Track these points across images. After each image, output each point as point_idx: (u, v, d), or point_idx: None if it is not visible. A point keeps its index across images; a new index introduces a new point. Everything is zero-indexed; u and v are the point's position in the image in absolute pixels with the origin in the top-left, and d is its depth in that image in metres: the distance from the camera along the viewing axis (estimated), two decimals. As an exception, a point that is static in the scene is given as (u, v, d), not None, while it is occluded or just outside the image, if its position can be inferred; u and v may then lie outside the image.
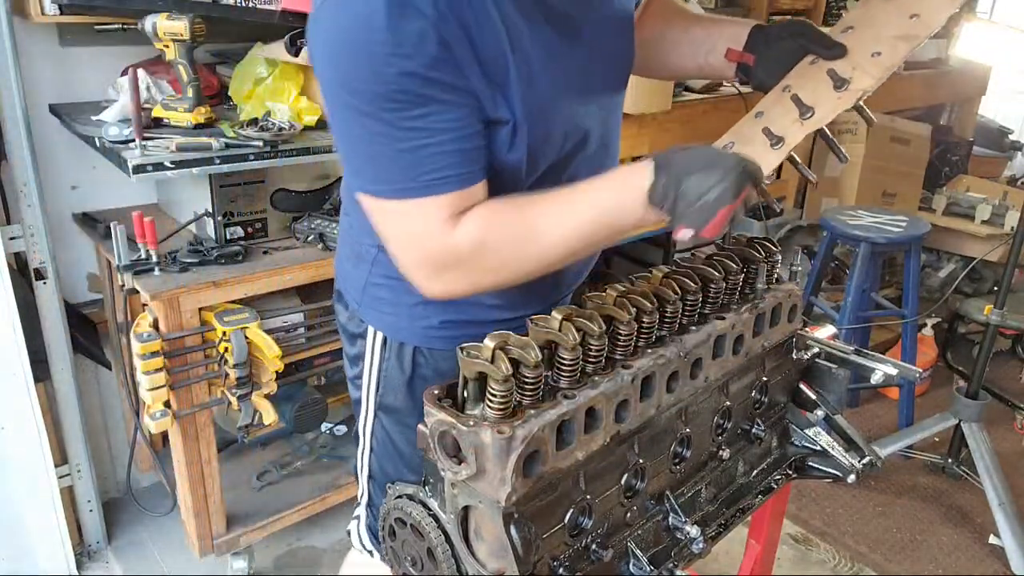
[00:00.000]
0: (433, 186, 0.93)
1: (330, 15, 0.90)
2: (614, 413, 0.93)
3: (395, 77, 0.87)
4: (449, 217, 0.95)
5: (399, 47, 0.86)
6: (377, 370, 1.22)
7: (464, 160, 0.95)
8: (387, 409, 1.23)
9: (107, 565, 2.30)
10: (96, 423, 2.39)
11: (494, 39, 0.93)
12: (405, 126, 0.90)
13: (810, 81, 1.06)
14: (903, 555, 2.43)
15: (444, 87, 0.90)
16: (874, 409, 3.18)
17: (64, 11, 1.85)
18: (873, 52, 1.02)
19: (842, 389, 1.27)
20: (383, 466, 1.28)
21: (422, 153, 0.92)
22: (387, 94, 0.88)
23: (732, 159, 0.91)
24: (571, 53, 1.05)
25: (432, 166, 0.92)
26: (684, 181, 0.90)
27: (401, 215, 0.96)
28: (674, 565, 1.06)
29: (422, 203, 0.94)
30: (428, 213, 0.95)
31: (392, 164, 0.93)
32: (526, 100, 0.98)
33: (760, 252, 1.13)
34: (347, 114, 0.92)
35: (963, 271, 3.44)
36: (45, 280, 2.00)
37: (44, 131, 2.05)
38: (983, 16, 5.20)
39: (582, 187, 0.98)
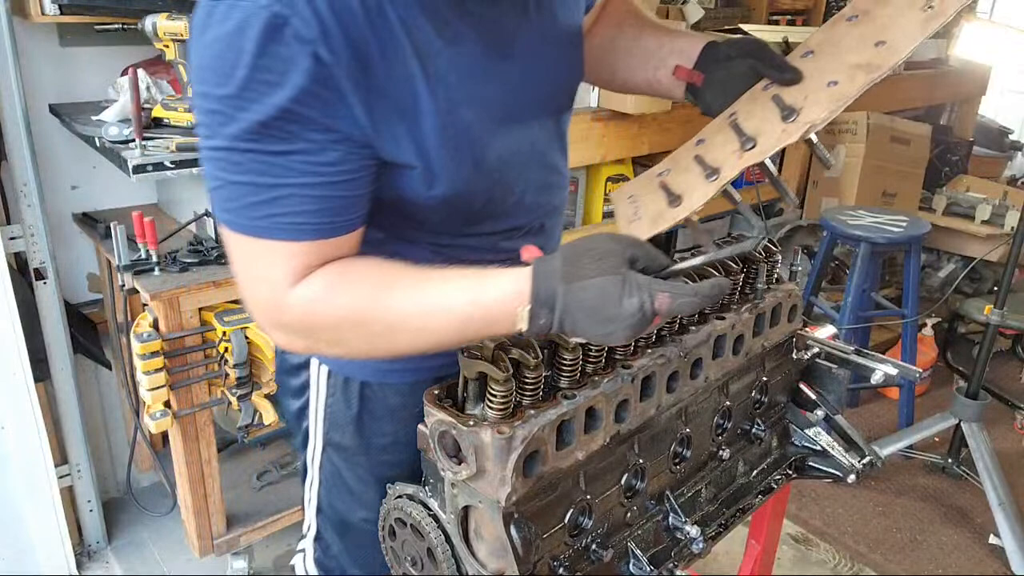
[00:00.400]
0: (284, 231, 0.82)
1: (202, 23, 0.78)
2: (614, 413, 0.93)
3: (257, 108, 0.76)
4: (295, 270, 0.84)
5: (265, 74, 0.76)
6: (323, 405, 1.13)
7: (328, 210, 0.83)
8: (335, 446, 1.14)
9: (107, 565, 2.30)
10: (96, 423, 2.39)
11: (400, 64, 0.82)
12: (264, 160, 0.79)
13: (758, 108, 0.95)
14: (903, 555, 2.43)
15: (314, 126, 0.79)
16: (874, 409, 3.18)
17: (64, 11, 1.85)
18: (830, 81, 0.90)
19: (842, 389, 1.27)
20: (332, 502, 1.19)
21: (278, 193, 0.80)
22: (248, 124, 0.77)
23: (633, 304, 0.76)
24: (501, 72, 0.93)
25: (288, 209, 0.81)
26: (567, 320, 0.78)
27: (243, 252, 0.85)
28: (674, 565, 1.06)
29: (270, 247, 0.83)
30: (273, 259, 0.83)
31: (244, 197, 0.81)
32: (446, 131, 0.87)
33: (760, 252, 1.13)
34: (205, 131, 0.81)
35: (963, 271, 3.44)
36: (45, 280, 2.00)
37: (44, 131, 2.06)
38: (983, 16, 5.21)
39: (456, 285, 0.83)
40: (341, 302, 0.84)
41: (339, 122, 0.80)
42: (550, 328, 0.80)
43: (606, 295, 0.77)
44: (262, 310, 0.88)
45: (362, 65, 0.80)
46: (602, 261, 0.78)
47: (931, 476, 2.79)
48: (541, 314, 0.79)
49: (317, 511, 1.21)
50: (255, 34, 0.74)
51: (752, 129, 0.92)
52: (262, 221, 0.82)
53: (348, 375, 1.09)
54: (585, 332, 0.79)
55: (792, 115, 0.89)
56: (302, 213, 0.82)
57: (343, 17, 0.77)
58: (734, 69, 1.01)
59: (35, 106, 1.99)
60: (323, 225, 0.84)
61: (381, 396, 1.10)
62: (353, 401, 1.10)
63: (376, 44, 0.80)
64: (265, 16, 0.74)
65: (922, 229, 2.85)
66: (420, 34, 0.84)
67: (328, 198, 0.83)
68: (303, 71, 0.76)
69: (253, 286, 0.87)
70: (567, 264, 0.79)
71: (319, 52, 0.76)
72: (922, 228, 2.86)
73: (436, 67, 0.85)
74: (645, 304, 0.76)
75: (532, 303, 0.79)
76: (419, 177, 0.89)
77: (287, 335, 0.89)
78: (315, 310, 0.84)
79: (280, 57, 0.75)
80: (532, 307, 0.79)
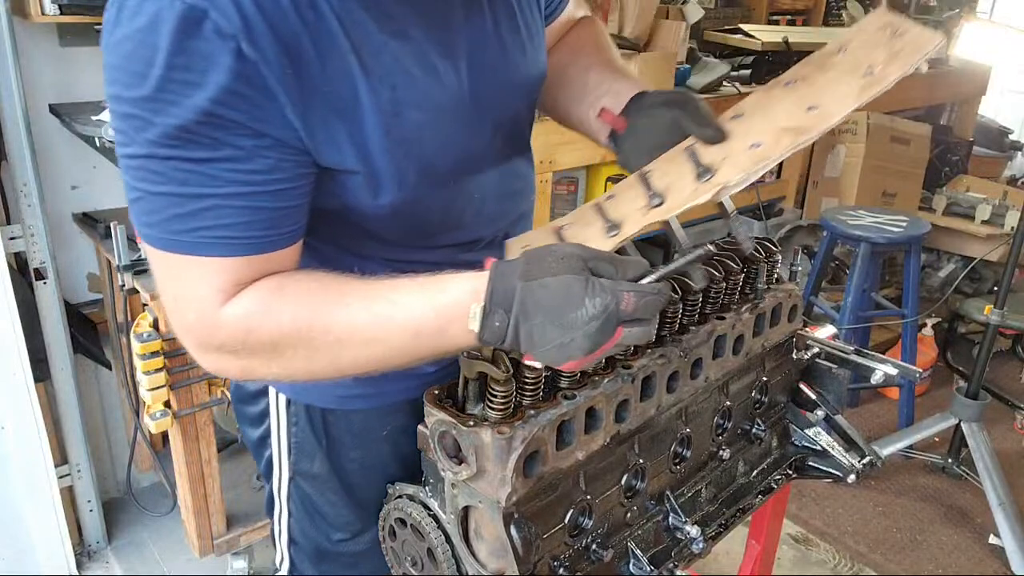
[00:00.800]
0: (212, 246, 0.75)
1: (112, 19, 0.71)
2: (614, 413, 0.93)
3: (175, 110, 0.69)
4: (226, 287, 0.77)
5: (183, 73, 0.68)
6: (287, 435, 1.07)
7: (260, 222, 0.76)
8: (304, 475, 1.08)
9: (107, 565, 2.30)
10: (96, 423, 2.39)
11: (337, 60, 0.76)
12: (186, 168, 0.72)
13: (674, 164, 0.90)
14: (903, 555, 2.43)
15: (241, 131, 0.72)
16: (874, 409, 3.18)
17: (64, 11, 1.85)
18: (753, 143, 0.85)
19: (842, 389, 1.27)
20: (305, 530, 1.13)
21: (204, 204, 0.73)
22: (165, 128, 0.70)
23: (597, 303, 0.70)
24: (452, 71, 0.87)
25: (214, 222, 0.74)
26: (524, 323, 0.72)
27: (167, 270, 0.77)
28: (674, 565, 1.06)
29: (196, 263, 0.75)
30: (201, 277, 0.76)
31: (166, 209, 0.73)
32: (390, 134, 0.80)
33: (760, 252, 1.13)
34: (121, 138, 0.73)
35: (963, 271, 3.44)
36: (45, 280, 2.00)
37: (44, 131, 2.06)
38: (983, 16, 5.20)
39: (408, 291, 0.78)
40: (280, 317, 0.77)
41: (268, 125, 0.73)
42: (505, 333, 0.73)
43: (569, 293, 0.70)
44: (191, 332, 0.80)
45: (293, 61, 0.73)
46: (564, 261, 0.73)
47: (931, 476, 2.79)
48: (496, 314, 0.72)
49: (290, 542, 1.16)
50: (169, 29, 0.67)
51: (663, 186, 0.87)
52: (187, 236, 0.74)
53: (308, 403, 1.04)
54: (543, 339, 0.71)
55: (707, 175, 0.84)
56: (231, 226, 0.74)
57: (269, 9, 0.71)
58: (657, 119, 0.95)
59: (35, 106, 1.99)
60: (255, 239, 0.76)
61: (345, 423, 1.05)
62: (318, 429, 1.05)
63: (309, 38, 0.73)
64: (180, 9, 0.67)
65: (922, 229, 2.85)
66: (359, 28, 0.77)
67: (260, 209, 0.75)
68: (225, 68, 0.69)
69: (180, 306, 0.79)
70: (527, 263, 0.74)
71: (242, 47, 0.69)
72: (922, 228, 2.86)
73: (378, 63, 0.78)
74: (610, 306, 0.70)
75: (486, 301, 0.73)
76: (363, 184, 0.83)
77: (219, 358, 0.81)
78: (250, 327, 0.77)
79: (199, 54, 0.68)
80: (486, 305, 0.73)
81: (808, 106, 0.84)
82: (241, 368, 0.82)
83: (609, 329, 0.71)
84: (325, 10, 0.75)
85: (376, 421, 1.06)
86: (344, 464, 1.08)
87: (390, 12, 0.80)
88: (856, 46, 0.89)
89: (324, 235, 0.92)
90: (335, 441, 1.06)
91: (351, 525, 1.11)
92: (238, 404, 1.16)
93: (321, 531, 1.12)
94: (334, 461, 1.07)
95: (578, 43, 1.13)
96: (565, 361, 0.73)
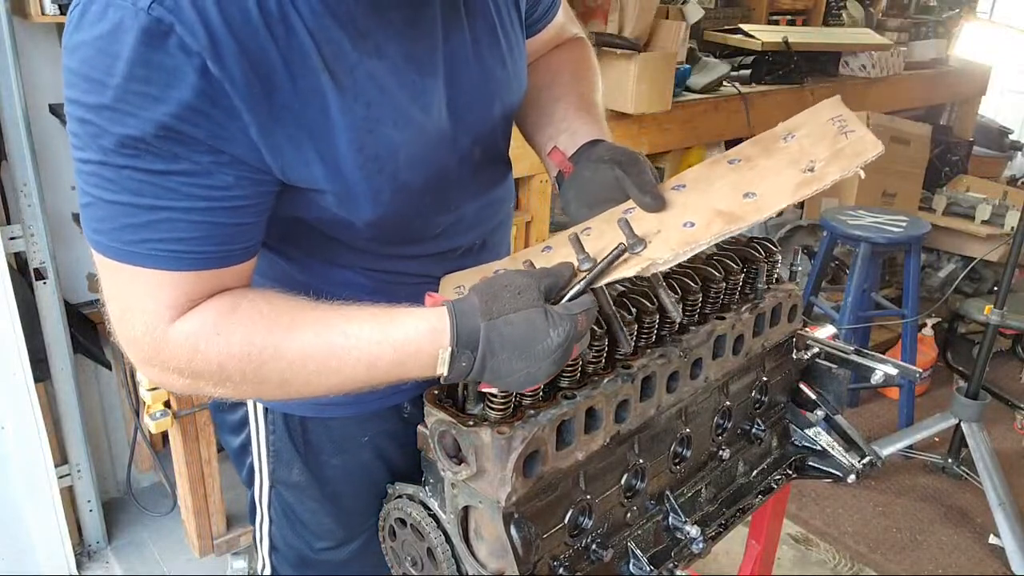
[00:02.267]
0: (162, 259, 0.73)
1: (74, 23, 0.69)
2: (614, 413, 0.93)
3: (132, 121, 0.68)
4: (176, 302, 0.75)
5: (144, 85, 0.67)
6: (265, 443, 1.06)
7: (213, 237, 0.74)
8: (284, 483, 1.08)
9: (107, 565, 2.30)
10: (96, 423, 2.39)
11: (309, 77, 0.74)
12: (141, 179, 0.70)
13: (609, 229, 0.88)
14: (903, 555, 2.43)
15: (200, 147, 0.70)
16: (874, 409, 3.18)
17: (64, 11, 1.85)
18: (687, 221, 0.83)
19: (842, 389, 1.27)
20: (287, 539, 1.12)
21: (157, 216, 0.71)
22: (121, 138, 0.69)
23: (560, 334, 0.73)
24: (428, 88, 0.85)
25: (166, 235, 0.72)
26: (490, 359, 0.74)
27: (115, 280, 0.75)
28: (674, 565, 1.06)
29: (144, 275, 0.73)
30: (147, 290, 0.74)
31: (117, 218, 0.72)
32: (364, 152, 0.79)
33: (760, 252, 1.13)
34: (76, 142, 0.72)
35: (963, 271, 3.44)
36: (45, 280, 2.00)
37: (44, 131, 2.06)
38: (983, 16, 5.20)
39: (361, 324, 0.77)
40: (229, 339, 0.75)
41: (228, 144, 0.72)
42: (470, 370, 0.75)
43: (533, 328, 0.73)
44: (136, 344, 0.77)
45: (261, 79, 0.71)
46: (521, 296, 0.75)
47: (931, 476, 2.79)
48: (462, 356, 0.74)
49: (271, 550, 1.15)
50: (132, 40, 0.66)
51: (595, 249, 0.85)
52: (137, 247, 0.72)
53: (285, 411, 1.03)
54: (509, 371, 0.74)
55: (639, 246, 0.82)
56: (184, 240, 0.73)
57: (238, 26, 0.69)
58: (599, 173, 0.93)
59: (35, 106, 1.99)
60: (208, 254, 0.75)
61: (324, 430, 1.04)
62: (296, 437, 1.04)
63: (279, 55, 0.72)
64: (144, 20, 0.66)
65: (922, 229, 2.85)
66: (332, 46, 0.75)
67: (214, 224, 0.74)
68: (188, 86, 0.68)
69: (126, 318, 0.76)
70: (485, 301, 0.75)
71: (207, 65, 0.68)
72: (922, 228, 2.86)
73: (352, 81, 0.77)
74: (570, 332, 0.74)
75: (453, 345, 0.74)
76: (335, 202, 0.82)
77: (164, 374, 0.78)
78: (197, 348, 0.75)
79: (162, 68, 0.67)
80: (453, 349, 0.74)
81: (745, 192, 0.85)
82: (186, 386, 0.80)
83: (569, 351, 0.76)
84: (298, 27, 0.73)
85: (356, 428, 1.05)
86: (325, 472, 1.07)
87: (366, 30, 0.78)
88: (803, 134, 0.90)
89: (297, 244, 0.92)
90: (314, 448, 1.05)
91: (334, 534, 1.10)
92: (217, 412, 1.15)
93: (303, 539, 1.11)
94: (313, 469, 1.06)
95: (558, 68, 1.12)
96: (528, 387, 0.78)
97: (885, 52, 3.69)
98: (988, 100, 4.87)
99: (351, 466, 1.06)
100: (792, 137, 0.90)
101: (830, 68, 3.61)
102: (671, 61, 2.64)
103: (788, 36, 3.24)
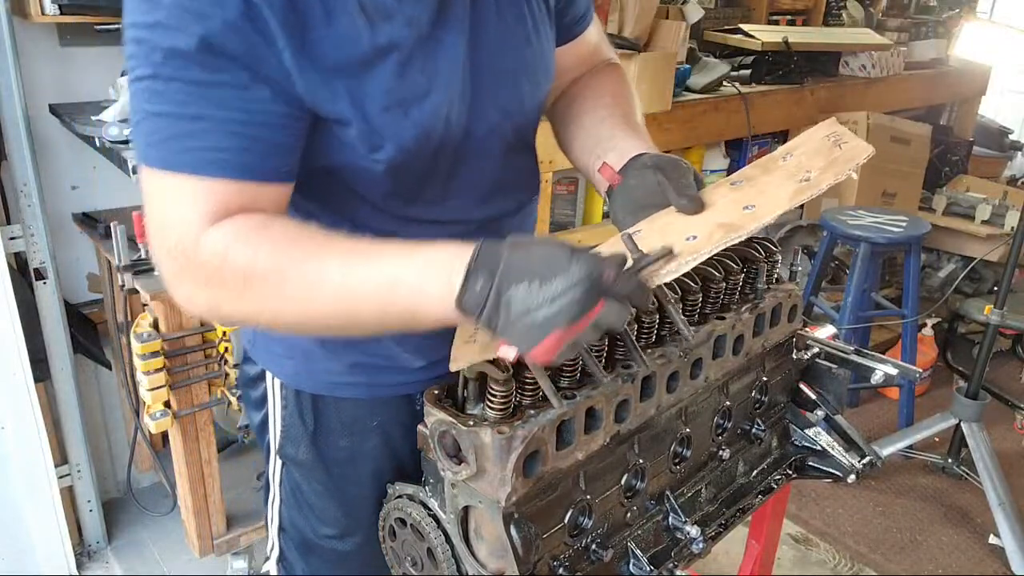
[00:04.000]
0: (205, 165, 0.78)
1: None
2: (614, 413, 0.93)
3: (181, 36, 0.75)
4: (213, 210, 0.79)
5: (192, 3, 0.74)
6: (280, 418, 1.10)
7: (252, 149, 0.80)
8: (292, 460, 1.11)
9: (107, 565, 2.30)
10: (96, 423, 2.39)
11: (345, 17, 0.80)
12: (188, 91, 0.77)
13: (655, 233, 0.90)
14: (903, 555, 2.43)
15: (238, 64, 0.77)
16: (874, 409, 3.18)
17: (64, 11, 1.85)
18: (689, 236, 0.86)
19: (842, 389, 1.27)
20: (293, 519, 1.15)
21: (202, 125, 0.78)
22: (169, 52, 0.76)
23: (582, 267, 0.71)
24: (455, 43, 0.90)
25: (210, 143, 0.78)
26: (508, 290, 0.71)
27: (159, 191, 0.80)
28: (674, 565, 1.06)
29: (188, 182, 0.79)
30: (185, 197, 0.79)
31: (166, 129, 0.78)
32: (393, 93, 0.84)
33: (760, 252, 1.13)
34: (132, 63, 0.79)
35: (963, 271, 3.44)
36: (45, 280, 2.00)
37: (44, 131, 2.06)
38: (983, 16, 5.20)
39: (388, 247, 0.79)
40: (258, 250, 0.79)
41: (265, 65, 0.78)
42: (486, 299, 0.72)
43: (554, 256, 0.72)
44: (170, 255, 0.81)
45: (298, 14, 0.77)
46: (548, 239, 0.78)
47: (931, 476, 2.79)
48: (480, 277, 0.73)
49: (279, 530, 1.17)
50: None
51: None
52: (183, 155, 0.78)
53: (299, 388, 1.06)
54: (525, 307, 0.71)
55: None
56: (226, 149, 0.78)
57: None
58: (643, 180, 0.96)
59: (35, 106, 1.99)
60: (245, 165, 0.80)
61: (334, 410, 1.06)
62: (307, 415, 1.07)
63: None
64: None
65: (922, 229, 2.85)
66: None
67: (254, 138, 0.79)
68: (232, 6, 0.75)
69: (164, 231, 0.81)
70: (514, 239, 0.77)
71: None
72: (922, 228, 2.86)
73: (388, 27, 0.82)
74: (593, 272, 0.71)
75: (471, 260, 0.74)
76: (358, 138, 0.85)
77: (190, 287, 0.82)
78: (227, 255, 0.78)
79: None
80: (471, 263, 0.74)
81: (745, 205, 0.89)
82: (207, 300, 0.82)
83: (593, 297, 0.71)
84: None
85: (366, 411, 1.07)
86: (332, 453, 1.08)
87: None
88: (801, 152, 0.94)
89: (316, 198, 0.94)
90: (323, 428, 1.07)
91: (338, 522, 1.11)
92: (244, 388, 1.19)
93: (308, 522, 1.13)
94: (320, 449, 1.08)
95: (599, 91, 1.15)
96: (544, 335, 0.71)
97: (885, 52, 3.69)
98: (988, 100, 4.87)
99: (358, 451, 1.08)
100: (791, 156, 0.95)
101: (830, 68, 3.61)
102: (671, 61, 2.64)
103: (788, 36, 3.24)
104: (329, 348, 1.03)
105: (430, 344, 1.01)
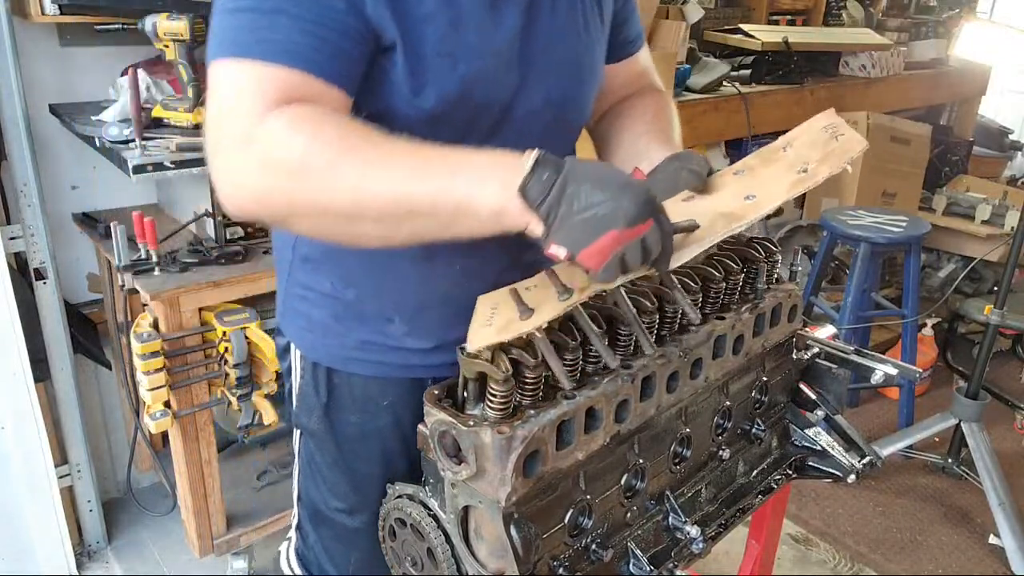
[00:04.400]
0: (273, 53, 0.82)
1: None
2: (614, 413, 0.93)
3: None
4: (275, 100, 0.81)
5: None
6: (298, 387, 1.16)
7: (323, 48, 0.84)
8: (306, 430, 1.16)
9: (107, 565, 2.30)
10: (96, 423, 2.39)
11: None
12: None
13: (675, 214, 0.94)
14: (903, 555, 2.43)
15: None
16: (874, 409, 3.18)
17: (64, 11, 1.85)
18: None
19: (842, 389, 1.27)
20: (307, 489, 1.20)
21: (278, 19, 0.82)
22: None
23: (640, 185, 0.79)
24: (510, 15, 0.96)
25: (283, 36, 0.82)
26: (572, 184, 0.77)
27: (227, 78, 0.83)
28: (674, 565, 1.06)
29: (253, 68, 0.81)
30: (252, 84, 0.81)
31: (242, 22, 0.83)
32: (445, 41, 0.90)
33: (760, 252, 1.13)
34: None
35: (963, 271, 3.44)
36: (45, 280, 2.00)
37: (44, 131, 2.06)
38: (983, 16, 5.20)
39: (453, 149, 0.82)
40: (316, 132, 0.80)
41: None
42: (550, 188, 0.77)
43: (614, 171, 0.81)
44: (229, 148, 0.82)
45: None
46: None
47: (931, 476, 2.79)
48: (546, 169, 0.77)
49: (298, 499, 1.24)
50: None
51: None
52: (257, 45, 0.82)
53: (316, 360, 1.11)
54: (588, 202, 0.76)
55: None
56: (298, 43, 0.82)
57: None
58: (664, 171, 1.03)
59: (35, 106, 1.99)
60: (317, 60, 0.83)
61: (347, 385, 1.11)
62: (321, 387, 1.11)
63: None
64: None
65: (922, 229, 2.85)
66: None
67: (324, 39, 0.83)
68: None
69: (227, 121, 0.82)
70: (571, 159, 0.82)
71: None
72: (922, 228, 2.86)
73: None
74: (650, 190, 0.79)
75: (540, 155, 0.78)
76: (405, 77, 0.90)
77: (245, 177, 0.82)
78: (285, 135, 0.79)
79: None
80: (540, 157, 0.78)
81: (746, 195, 0.94)
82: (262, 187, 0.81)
83: (648, 210, 0.77)
84: None
85: (377, 390, 1.10)
86: (342, 428, 1.12)
87: None
88: (800, 143, 0.99)
89: None
90: (335, 401, 1.12)
91: (347, 496, 1.14)
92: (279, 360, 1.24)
93: (320, 493, 1.17)
94: (332, 421, 1.12)
95: (642, 110, 1.21)
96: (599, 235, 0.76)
97: (885, 52, 3.69)
98: (988, 100, 4.87)
99: (368, 428, 1.11)
100: (790, 147, 0.99)
101: (830, 68, 3.61)
102: (671, 61, 2.64)
103: (788, 36, 3.24)
104: (343, 323, 1.08)
105: (438, 325, 1.06)
